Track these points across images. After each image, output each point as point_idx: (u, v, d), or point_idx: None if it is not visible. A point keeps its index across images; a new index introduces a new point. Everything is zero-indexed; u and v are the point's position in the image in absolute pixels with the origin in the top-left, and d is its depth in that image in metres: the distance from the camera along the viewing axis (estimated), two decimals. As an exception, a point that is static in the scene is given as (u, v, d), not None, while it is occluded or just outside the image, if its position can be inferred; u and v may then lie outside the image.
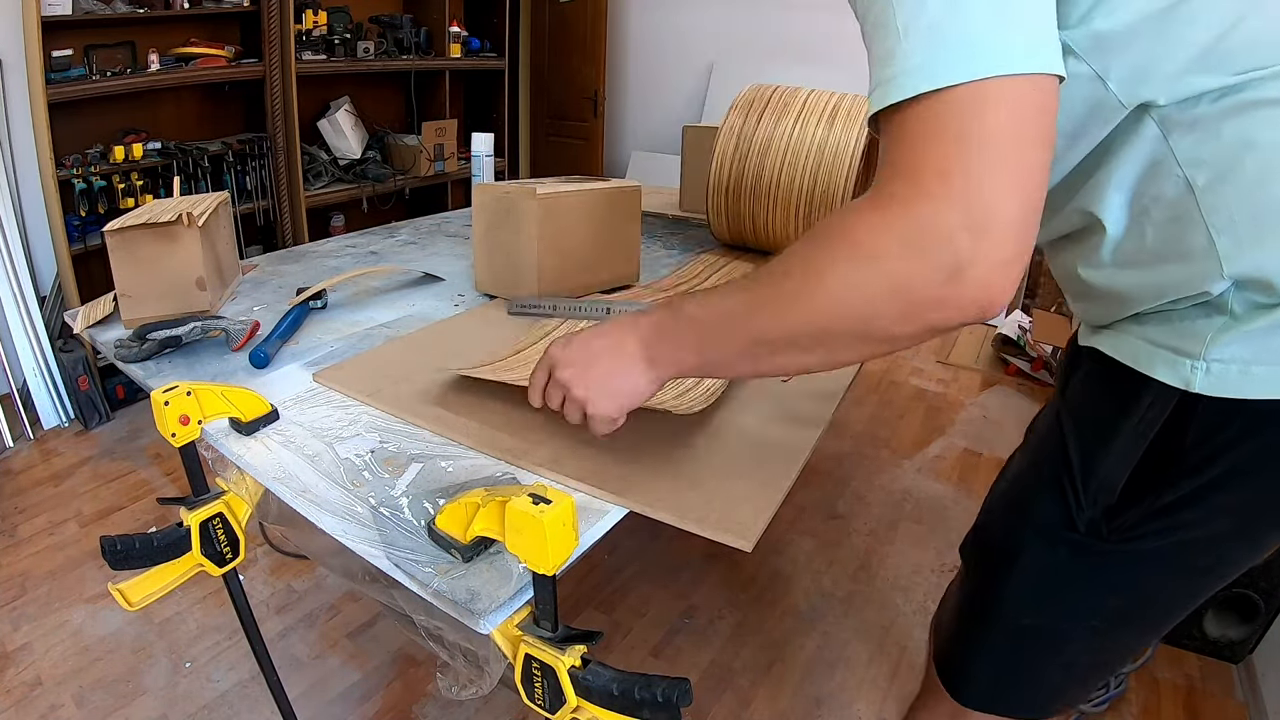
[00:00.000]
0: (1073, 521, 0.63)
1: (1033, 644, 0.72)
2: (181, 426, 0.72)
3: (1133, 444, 0.58)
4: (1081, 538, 0.63)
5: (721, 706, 1.44)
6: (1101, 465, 0.60)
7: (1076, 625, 0.69)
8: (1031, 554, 0.68)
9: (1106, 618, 0.67)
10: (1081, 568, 0.65)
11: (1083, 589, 0.66)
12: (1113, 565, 0.63)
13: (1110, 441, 0.59)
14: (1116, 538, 0.61)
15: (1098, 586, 0.65)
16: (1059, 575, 0.67)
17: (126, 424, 2.36)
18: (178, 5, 2.50)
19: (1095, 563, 0.64)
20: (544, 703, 0.55)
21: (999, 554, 0.73)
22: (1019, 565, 0.70)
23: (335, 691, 1.43)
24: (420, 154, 3.33)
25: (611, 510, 0.67)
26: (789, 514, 2.02)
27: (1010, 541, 0.71)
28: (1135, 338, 0.57)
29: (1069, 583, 0.67)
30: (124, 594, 0.74)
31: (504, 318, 1.12)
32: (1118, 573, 0.64)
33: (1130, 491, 0.59)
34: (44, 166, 2.16)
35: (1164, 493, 0.58)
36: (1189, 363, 0.53)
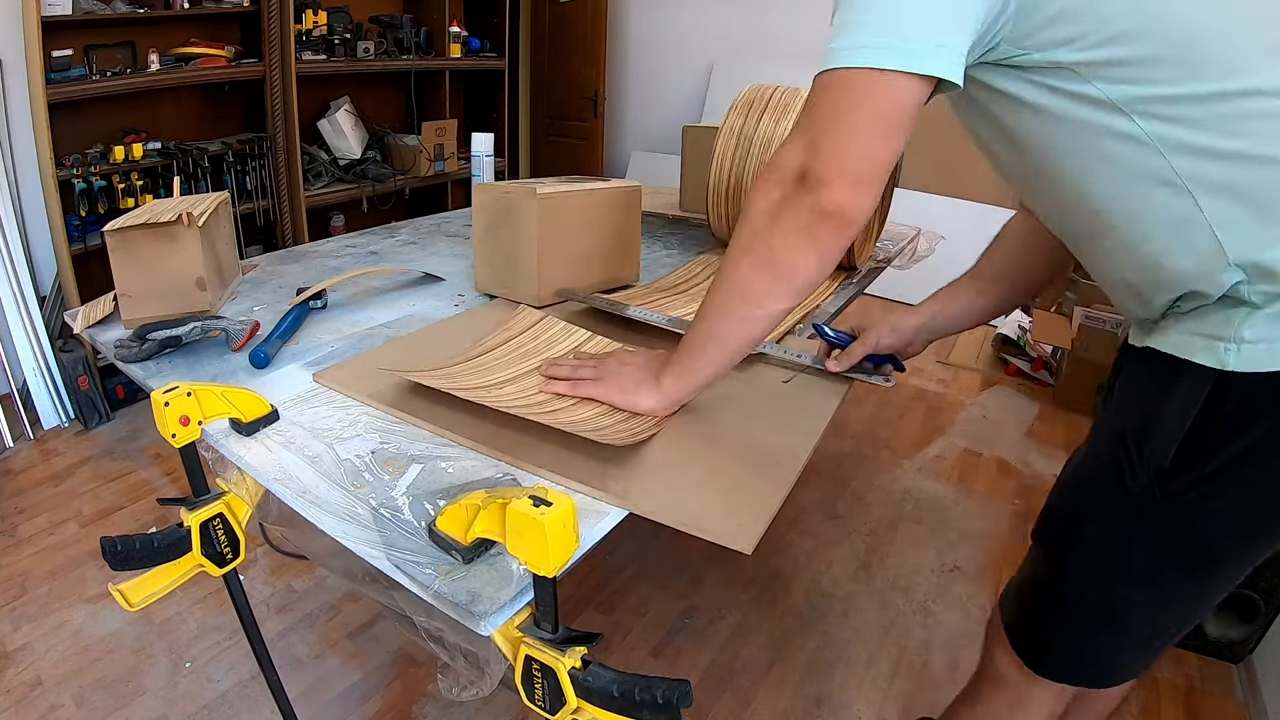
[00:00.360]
0: (1127, 488, 0.70)
1: (1100, 614, 0.78)
2: (181, 427, 0.72)
3: (1178, 421, 0.65)
4: (1136, 501, 0.69)
5: (721, 706, 1.44)
6: (1151, 440, 0.68)
7: (1138, 590, 0.74)
8: (1091, 526, 0.75)
9: (1164, 582, 0.73)
10: (1138, 530, 0.71)
11: (1141, 551, 0.72)
12: (1166, 524, 0.69)
13: (1158, 420, 0.67)
14: (1169, 499, 0.68)
15: (1154, 548, 0.71)
16: (1119, 541, 0.73)
17: (126, 424, 2.36)
18: (178, 5, 2.50)
19: (1150, 523, 0.70)
20: (544, 704, 0.55)
21: (1064, 530, 0.79)
22: (1080, 540, 0.76)
23: (335, 691, 1.43)
24: (420, 154, 3.33)
25: (611, 512, 0.67)
26: (789, 514, 2.02)
27: (1074, 516, 0.78)
28: (1177, 332, 0.66)
29: (1128, 547, 0.73)
30: (124, 594, 0.74)
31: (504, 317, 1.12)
32: (1171, 532, 0.70)
33: (1179, 462, 0.66)
34: (44, 166, 2.16)
35: (1210, 459, 0.65)
36: (1222, 345, 0.62)
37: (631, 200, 1.23)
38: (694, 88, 4.16)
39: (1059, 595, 0.81)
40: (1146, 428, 0.68)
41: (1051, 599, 0.82)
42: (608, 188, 1.19)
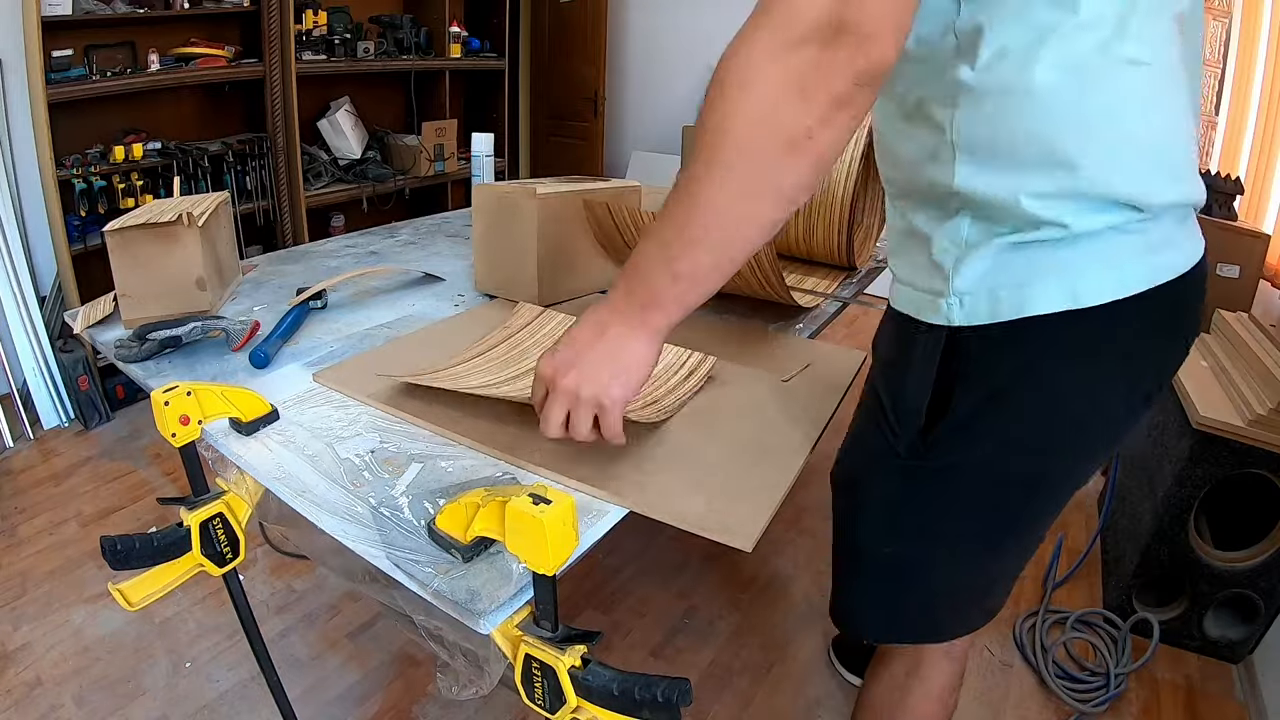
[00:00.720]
0: (893, 448, 0.71)
1: (901, 571, 0.78)
2: (181, 426, 0.72)
3: (923, 372, 0.66)
4: (904, 460, 0.70)
5: (722, 706, 1.44)
6: (904, 395, 0.69)
7: (931, 547, 0.75)
8: (871, 483, 0.76)
9: (947, 535, 0.73)
10: (912, 489, 0.72)
11: (921, 509, 0.73)
12: (936, 482, 0.70)
13: (905, 374, 0.68)
14: (933, 455, 0.68)
15: (932, 505, 0.72)
16: (897, 499, 0.74)
17: (126, 424, 2.36)
18: (178, 5, 2.50)
19: (922, 481, 0.71)
20: (544, 703, 0.55)
21: (846, 489, 0.81)
22: (863, 495, 0.78)
23: (335, 691, 1.43)
24: (420, 154, 3.33)
25: (611, 510, 0.67)
26: (789, 514, 2.02)
27: (853, 477, 0.80)
28: (908, 289, 0.68)
29: (907, 505, 0.73)
30: (124, 594, 0.74)
31: (504, 317, 1.12)
32: (943, 490, 0.70)
33: (932, 412, 0.67)
34: (44, 166, 2.16)
35: (958, 408, 0.66)
36: (943, 301, 0.63)
37: (631, 200, 1.23)
38: (694, 88, 4.16)
39: (855, 556, 0.82)
40: (899, 390, 0.70)
41: (850, 560, 0.84)
42: (608, 188, 1.19)
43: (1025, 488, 0.70)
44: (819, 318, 1.20)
